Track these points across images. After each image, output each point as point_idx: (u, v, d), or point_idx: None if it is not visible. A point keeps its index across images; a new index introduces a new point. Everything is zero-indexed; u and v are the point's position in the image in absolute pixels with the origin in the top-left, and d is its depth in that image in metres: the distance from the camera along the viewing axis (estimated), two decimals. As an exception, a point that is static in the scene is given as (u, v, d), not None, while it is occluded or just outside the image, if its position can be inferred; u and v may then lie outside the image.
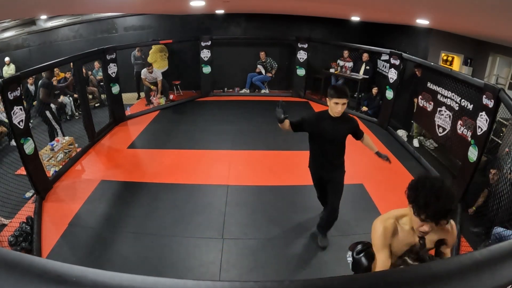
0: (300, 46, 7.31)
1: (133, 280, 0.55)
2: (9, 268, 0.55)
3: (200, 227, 3.33)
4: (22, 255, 0.58)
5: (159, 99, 6.91)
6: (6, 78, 3.39)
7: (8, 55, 7.12)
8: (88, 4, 4.48)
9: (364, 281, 0.59)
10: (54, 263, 0.57)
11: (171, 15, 7.79)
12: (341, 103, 2.45)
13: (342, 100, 2.44)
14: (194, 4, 4.47)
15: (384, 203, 3.75)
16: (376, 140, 5.60)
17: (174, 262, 2.91)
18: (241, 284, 0.55)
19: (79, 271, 0.55)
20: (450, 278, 0.60)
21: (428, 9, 3.39)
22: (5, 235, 3.12)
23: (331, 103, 2.50)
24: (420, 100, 5.13)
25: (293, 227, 3.37)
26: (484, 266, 0.62)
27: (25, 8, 4.08)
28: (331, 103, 2.50)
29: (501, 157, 3.61)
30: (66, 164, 4.45)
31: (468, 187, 3.63)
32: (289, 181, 4.22)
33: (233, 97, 7.73)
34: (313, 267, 2.85)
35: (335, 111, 2.49)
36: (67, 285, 0.54)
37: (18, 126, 3.41)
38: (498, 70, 5.46)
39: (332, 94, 2.46)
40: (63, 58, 4.59)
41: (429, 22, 4.89)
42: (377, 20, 6.79)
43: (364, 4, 3.97)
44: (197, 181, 4.12)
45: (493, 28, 3.57)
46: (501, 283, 0.61)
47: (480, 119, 3.48)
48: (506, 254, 0.65)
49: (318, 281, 0.56)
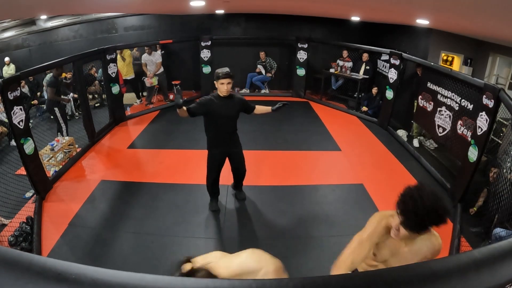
0: (300, 46, 7.31)
1: (132, 277, 0.55)
2: (8, 266, 0.55)
3: (200, 227, 3.33)
4: (21, 253, 0.58)
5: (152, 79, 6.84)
6: (6, 78, 3.39)
7: (8, 55, 7.12)
8: (88, 4, 4.48)
9: (363, 279, 0.59)
10: (53, 261, 0.57)
11: (171, 15, 7.79)
12: (226, 83, 2.82)
13: (227, 80, 2.82)
14: (194, 4, 4.47)
15: (384, 203, 3.75)
16: (376, 140, 5.60)
17: (174, 262, 2.91)
18: (240, 282, 0.55)
19: (78, 269, 0.55)
20: (450, 277, 0.60)
21: (428, 9, 3.40)
22: (5, 235, 3.12)
23: (218, 84, 2.86)
24: (420, 100, 5.13)
25: (293, 227, 3.37)
26: (483, 265, 0.62)
27: (25, 8, 4.08)
28: (218, 84, 2.86)
29: (501, 157, 3.62)
30: (66, 164, 4.45)
31: (468, 187, 3.63)
32: (289, 181, 4.22)
33: (233, 97, 7.72)
34: (313, 267, 2.86)
35: (223, 90, 2.86)
36: (66, 283, 0.54)
37: (18, 126, 3.41)
38: (498, 70, 5.46)
39: (218, 77, 2.83)
40: (63, 58, 4.59)
41: (429, 22, 4.90)
42: (377, 20, 6.80)
43: (364, 4, 3.97)
44: (197, 181, 4.12)
45: (493, 28, 3.57)
46: (501, 282, 0.61)
47: (480, 119, 3.48)
48: (505, 253, 0.65)
49: (317, 278, 0.56)
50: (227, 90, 2.86)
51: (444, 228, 3.42)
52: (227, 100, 2.94)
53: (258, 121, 6.18)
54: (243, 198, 3.71)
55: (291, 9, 6.45)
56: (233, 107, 2.98)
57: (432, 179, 4.34)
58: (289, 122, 6.17)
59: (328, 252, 3.06)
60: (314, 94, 7.76)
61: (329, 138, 5.60)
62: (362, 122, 6.41)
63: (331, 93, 7.57)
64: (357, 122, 6.44)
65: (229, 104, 2.96)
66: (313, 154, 5.02)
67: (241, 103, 3.05)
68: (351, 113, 6.83)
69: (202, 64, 7.28)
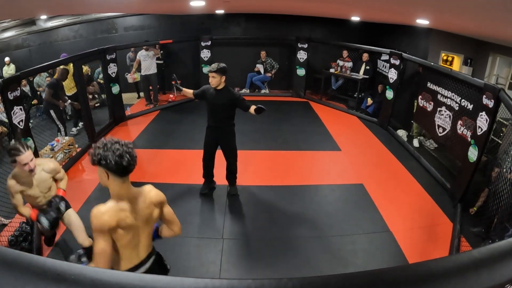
0: (300, 46, 7.31)
1: (131, 278, 0.55)
2: (8, 267, 0.55)
3: (200, 227, 3.33)
4: (20, 254, 0.58)
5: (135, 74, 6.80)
6: (6, 78, 3.39)
7: (8, 55, 7.13)
8: (88, 4, 4.49)
9: (362, 279, 0.59)
10: (53, 261, 0.57)
11: (171, 15, 7.79)
12: (211, 76, 3.26)
13: (211, 74, 3.25)
14: (194, 4, 4.48)
15: (384, 203, 3.75)
16: (376, 140, 5.60)
17: (174, 262, 2.89)
18: (239, 282, 0.55)
19: (77, 269, 0.55)
20: (449, 277, 0.60)
21: (428, 9, 3.40)
22: (5, 235, 3.12)
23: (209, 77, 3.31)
24: (420, 100, 5.13)
25: (293, 227, 3.37)
26: (482, 264, 0.62)
27: (25, 8, 4.09)
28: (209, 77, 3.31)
29: (501, 156, 3.61)
30: (66, 164, 4.45)
31: (468, 187, 3.63)
32: (289, 181, 4.22)
33: (233, 97, 7.72)
34: (312, 267, 2.86)
35: (210, 82, 3.31)
36: (66, 283, 0.54)
37: (18, 126, 3.41)
38: (498, 70, 5.46)
39: (208, 71, 3.33)
40: (63, 58, 4.59)
41: (429, 22, 4.90)
42: (377, 20, 6.80)
43: (364, 4, 3.97)
44: (197, 181, 4.12)
45: (493, 28, 3.57)
46: (500, 281, 0.61)
47: (480, 119, 3.48)
48: (505, 252, 0.65)
49: (316, 278, 0.56)
50: (211, 82, 3.30)
51: (444, 228, 3.43)
52: (219, 91, 3.35)
53: (258, 121, 6.18)
54: (233, 193, 3.82)
55: (291, 9, 6.45)
56: (222, 99, 3.34)
57: (432, 179, 4.34)
58: (289, 122, 6.17)
59: (328, 252, 3.06)
60: (314, 94, 7.76)
61: (329, 138, 5.60)
62: (362, 122, 6.41)
63: (331, 93, 7.57)
64: (357, 122, 6.44)
65: (220, 95, 3.35)
66: (313, 154, 5.02)
67: (231, 98, 3.35)
68: (351, 113, 6.82)
69: (202, 64, 7.29)
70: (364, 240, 3.20)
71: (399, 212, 3.62)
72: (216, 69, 3.23)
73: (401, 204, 3.78)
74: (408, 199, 3.87)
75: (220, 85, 3.32)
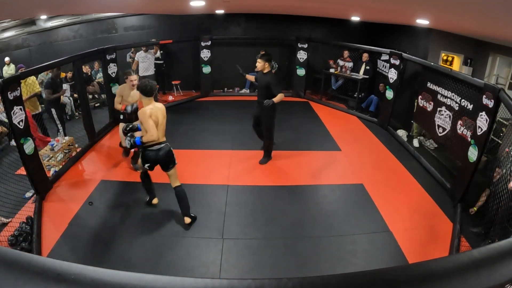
0: (300, 46, 7.31)
1: (131, 277, 0.55)
2: (8, 266, 0.55)
3: (200, 227, 3.33)
4: (21, 253, 0.58)
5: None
6: (6, 78, 3.39)
7: (8, 55, 7.12)
8: (88, 4, 4.48)
9: (362, 279, 0.59)
10: (53, 261, 0.57)
11: (171, 15, 7.79)
12: (257, 62, 4.13)
13: (258, 60, 4.12)
14: (194, 4, 4.47)
15: (384, 203, 3.75)
16: (376, 140, 5.60)
17: (174, 262, 2.91)
18: (239, 281, 0.55)
19: (77, 269, 0.55)
20: (449, 276, 0.60)
21: (428, 9, 3.39)
22: (5, 235, 3.12)
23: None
24: (420, 100, 5.13)
25: (293, 227, 3.37)
26: (482, 264, 0.62)
27: (25, 8, 4.08)
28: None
29: (501, 157, 3.61)
30: (66, 164, 4.45)
31: (468, 187, 3.63)
32: (289, 181, 4.22)
33: (233, 97, 7.73)
34: (312, 267, 2.86)
35: (256, 66, 4.15)
36: (66, 283, 0.54)
37: (18, 126, 3.41)
38: (498, 70, 5.46)
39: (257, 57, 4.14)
40: (63, 58, 4.59)
41: (429, 22, 4.89)
42: (377, 20, 6.79)
43: (365, 4, 3.97)
44: (197, 181, 4.12)
45: (493, 28, 3.57)
46: (500, 281, 0.61)
47: (480, 119, 3.48)
48: (505, 252, 0.65)
49: (316, 278, 0.56)
50: (257, 66, 4.15)
51: (444, 228, 3.43)
52: (263, 75, 4.15)
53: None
54: (260, 163, 4.56)
55: (291, 9, 6.45)
56: (262, 81, 4.13)
57: (432, 179, 4.34)
58: (289, 122, 6.17)
59: (328, 252, 3.06)
60: (314, 94, 7.76)
61: (329, 138, 5.60)
62: (362, 122, 6.41)
63: (331, 93, 7.56)
64: (357, 122, 6.44)
65: (262, 78, 4.17)
66: (313, 154, 5.02)
67: (268, 81, 4.06)
68: (351, 113, 6.83)
69: (202, 64, 7.29)
70: (364, 240, 3.20)
71: (399, 212, 3.62)
72: (260, 56, 4.09)
73: (401, 204, 3.78)
74: (408, 199, 3.87)
75: (265, 69, 4.12)
